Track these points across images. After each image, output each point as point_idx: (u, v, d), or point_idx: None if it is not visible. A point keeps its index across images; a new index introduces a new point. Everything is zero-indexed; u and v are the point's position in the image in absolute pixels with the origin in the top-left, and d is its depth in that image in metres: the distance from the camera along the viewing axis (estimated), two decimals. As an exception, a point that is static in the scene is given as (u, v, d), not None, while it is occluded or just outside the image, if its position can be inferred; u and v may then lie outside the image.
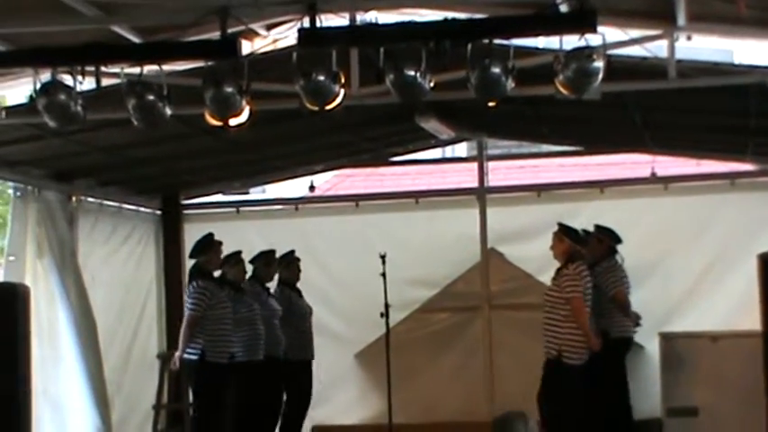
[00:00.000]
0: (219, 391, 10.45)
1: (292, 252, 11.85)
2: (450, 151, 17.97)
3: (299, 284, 11.89)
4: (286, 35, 8.67)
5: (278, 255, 11.70)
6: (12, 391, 9.40)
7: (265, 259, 11.54)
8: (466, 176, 14.37)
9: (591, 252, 11.11)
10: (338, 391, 13.13)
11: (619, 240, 11.31)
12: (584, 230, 11.25)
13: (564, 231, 10.66)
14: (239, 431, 10.96)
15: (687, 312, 12.48)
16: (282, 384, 11.53)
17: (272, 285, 11.71)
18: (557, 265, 12.03)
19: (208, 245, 10.73)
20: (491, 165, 13.66)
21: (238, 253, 11.30)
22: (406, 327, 12.95)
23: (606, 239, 11.29)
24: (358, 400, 12.85)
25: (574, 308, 10.29)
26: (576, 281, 10.37)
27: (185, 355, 10.46)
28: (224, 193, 14.68)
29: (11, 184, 11.42)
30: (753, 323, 9.54)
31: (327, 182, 18.34)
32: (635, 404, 12.16)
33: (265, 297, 11.35)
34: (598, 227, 11.32)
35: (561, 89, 7.60)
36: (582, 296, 10.33)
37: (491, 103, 7.86)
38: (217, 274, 10.84)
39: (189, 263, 13.22)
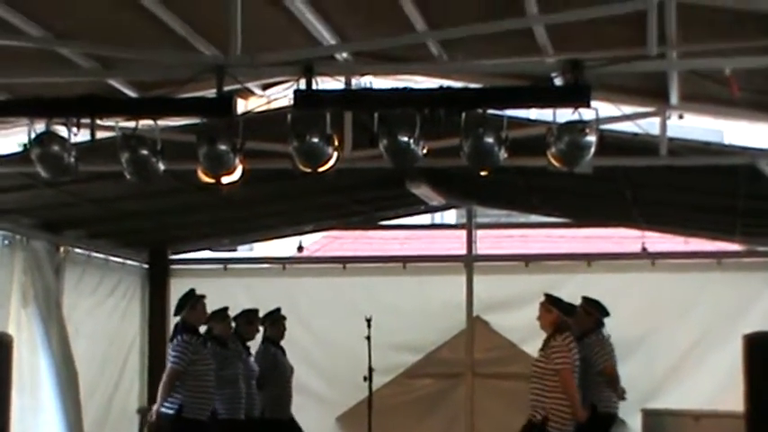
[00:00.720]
0: None
1: (278, 310, 11.82)
2: (439, 218, 18.02)
3: (282, 343, 11.86)
4: (282, 95, 8.70)
5: (263, 312, 11.65)
6: (-10, 440, 9.39)
7: (247, 318, 11.50)
8: (454, 243, 14.41)
9: (579, 324, 11.08)
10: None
11: (606, 313, 11.30)
12: (569, 303, 11.23)
13: (551, 302, 10.65)
14: None
15: (671, 389, 12.48)
16: None
17: (255, 343, 11.66)
18: (542, 335, 11.98)
19: (190, 300, 10.70)
20: (479, 233, 13.70)
21: (225, 309, 11.26)
22: (389, 391, 12.92)
23: (594, 312, 11.27)
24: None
25: (563, 379, 10.27)
26: (565, 352, 10.35)
27: (162, 409, 10.38)
28: (212, 249, 14.67)
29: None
30: (736, 403, 9.49)
31: (316, 242, 18.35)
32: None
33: (245, 356, 11.30)
34: (586, 299, 11.31)
35: (553, 161, 7.62)
36: (572, 368, 10.32)
37: (483, 172, 7.89)
38: (203, 330, 10.79)
39: (174, 317, 13.33)
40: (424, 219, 16.63)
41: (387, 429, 12.48)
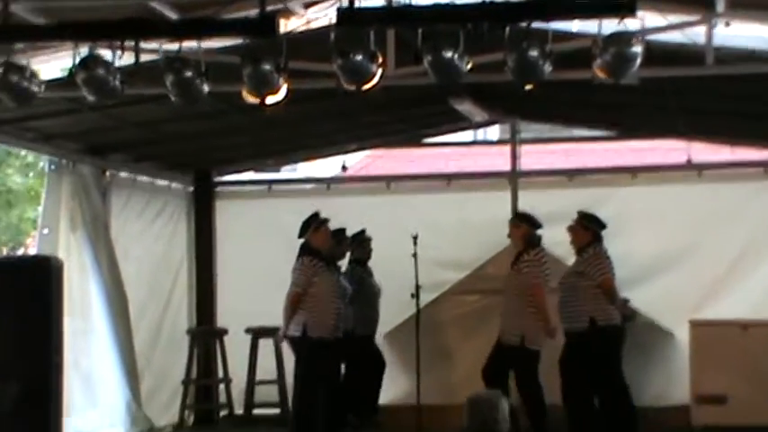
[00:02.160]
0: (319, 365, 10.54)
1: (363, 231, 11.94)
2: (482, 134, 17.94)
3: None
4: (323, 14, 8.68)
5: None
6: (45, 363, 9.51)
7: (336, 238, 11.53)
8: (498, 159, 14.33)
9: (577, 239, 11.10)
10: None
11: (603, 226, 11.25)
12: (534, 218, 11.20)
13: (520, 218, 10.72)
14: (333, 405, 10.96)
15: (718, 300, 12.43)
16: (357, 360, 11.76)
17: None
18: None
19: (314, 223, 10.79)
20: (523, 148, 13.62)
21: (343, 230, 11.44)
22: (435, 308, 12.94)
23: (591, 226, 11.21)
24: (386, 380, 12.83)
25: (535, 294, 10.35)
26: (537, 267, 10.43)
27: (288, 332, 10.56)
28: (256, 170, 14.70)
29: (46, 157, 11.51)
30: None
31: (359, 162, 18.32)
32: (663, 391, 12.22)
33: (338, 276, 11.36)
34: (581, 213, 11.26)
35: (599, 73, 7.60)
36: (543, 282, 10.38)
37: (528, 87, 7.86)
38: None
39: (220, 240, 13.47)
40: (468, 136, 16.53)
41: (433, 346, 12.57)
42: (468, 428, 5.57)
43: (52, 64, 9.35)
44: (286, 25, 8.62)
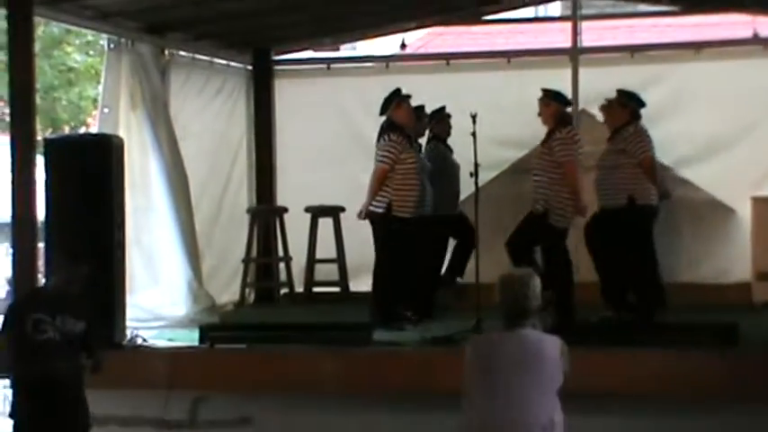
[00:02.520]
0: (402, 242, 10.52)
1: (443, 108, 11.85)
2: (543, 11, 17.71)
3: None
4: None
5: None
6: (108, 239, 9.69)
7: (415, 114, 11.37)
8: (559, 36, 14.16)
9: (613, 117, 10.95)
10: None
11: (642, 104, 11.08)
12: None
13: (550, 96, 10.58)
14: (415, 281, 10.97)
15: (782, 176, 12.34)
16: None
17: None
18: (650, 126, 11.93)
19: (395, 99, 10.72)
20: (585, 25, 13.44)
21: (422, 107, 11.41)
22: (494, 186, 12.91)
23: (630, 103, 11.03)
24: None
25: (567, 172, 10.30)
26: (569, 145, 10.34)
27: (371, 207, 10.57)
28: (314, 49, 14.63)
29: (104, 35, 11.51)
30: None
31: (419, 39, 18.17)
32: (724, 268, 12.19)
33: (419, 153, 11.34)
34: (620, 91, 11.06)
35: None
36: (575, 160, 10.31)
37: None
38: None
39: (279, 118, 13.48)
40: (529, 12, 16.34)
41: (494, 223, 12.51)
42: (501, 305, 5.63)
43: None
44: None
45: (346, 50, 17.37)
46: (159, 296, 11.20)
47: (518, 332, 5.59)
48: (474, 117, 11.13)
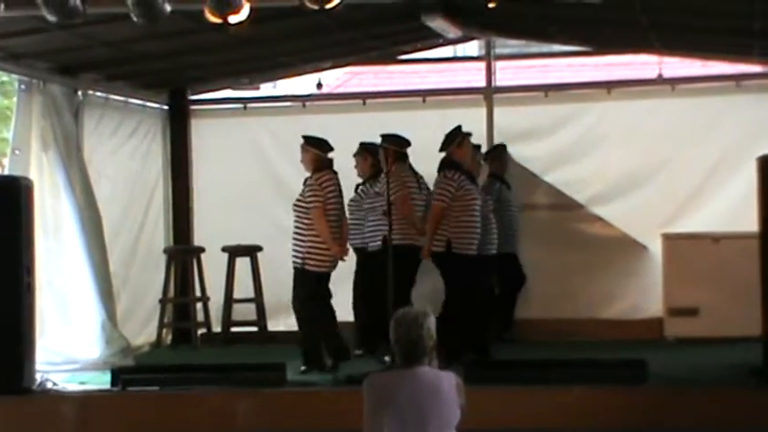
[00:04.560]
0: (463, 280, 10.48)
1: (501, 145, 11.97)
2: (461, 50, 17.89)
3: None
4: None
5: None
6: (16, 282, 9.58)
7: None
8: (475, 76, 14.33)
9: (379, 161, 11.16)
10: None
11: (406, 144, 11.24)
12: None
13: (308, 142, 10.69)
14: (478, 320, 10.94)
15: (690, 213, 12.54)
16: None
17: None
18: (564, 164, 12.16)
19: (457, 137, 10.72)
20: (499, 64, 13.62)
21: (500, 146, 11.65)
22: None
23: (391, 146, 11.17)
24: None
25: (314, 217, 10.40)
26: (317, 190, 10.44)
27: (433, 247, 10.50)
28: (233, 88, 14.66)
29: (16, 76, 11.45)
30: (753, 224, 9.58)
31: (337, 79, 18.30)
32: (637, 304, 12.36)
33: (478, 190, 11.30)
34: (383, 136, 11.26)
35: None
36: (322, 205, 10.41)
37: (491, 4, 7.86)
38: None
39: (196, 158, 13.45)
40: (446, 52, 16.49)
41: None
42: (396, 343, 5.68)
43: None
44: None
45: (267, 89, 17.38)
46: (72, 339, 11.12)
47: (414, 370, 5.63)
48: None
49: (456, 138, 10.73)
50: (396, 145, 11.17)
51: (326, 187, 10.50)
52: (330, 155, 10.72)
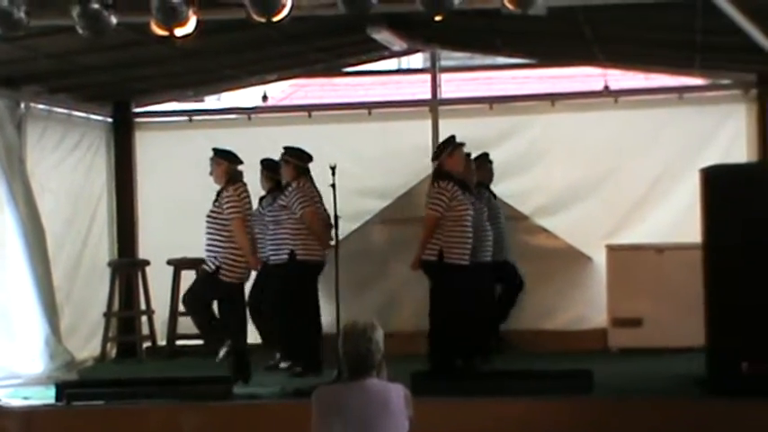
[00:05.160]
0: (455, 289, 10.47)
1: (485, 154, 11.92)
2: (406, 63, 17.94)
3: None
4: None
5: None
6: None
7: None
8: (420, 88, 14.38)
9: (286, 173, 11.30)
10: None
11: (307, 159, 11.37)
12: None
13: (220, 155, 10.78)
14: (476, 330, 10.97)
15: (634, 225, 12.64)
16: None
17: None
18: (508, 176, 12.19)
19: (449, 146, 10.70)
20: (445, 77, 13.68)
21: (484, 154, 11.63)
22: (356, 238, 13.02)
23: (292, 160, 11.33)
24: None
25: (234, 228, 10.49)
26: (235, 202, 10.54)
27: (423, 256, 10.53)
28: (178, 101, 14.61)
29: (-44, 89, 11.36)
30: (696, 235, 9.67)
31: (283, 92, 18.28)
32: (581, 315, 12.42)
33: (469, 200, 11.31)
34: (285, 149, 11.37)
35: (507, 4, 7.62)
36: (242, 216, 10.55)
37: (438, 17, 7.89)
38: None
39: (140, 171, 13.38)
40: (391, 64, 16.53)
41: (356, 274, 12.63)
42: (344, 356, 5.69)
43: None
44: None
45: (211, 102, 17.33)
46: (15, 353, 11.03)
47: (363, 382, 5.64)
48: (333, 169, 11.22)
49: (447, 147, 10.73)
50: (297, 159, 11.32)
51: (243, 198, 10.66)
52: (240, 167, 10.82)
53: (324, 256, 11.19)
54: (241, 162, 10.84)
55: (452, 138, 10.81)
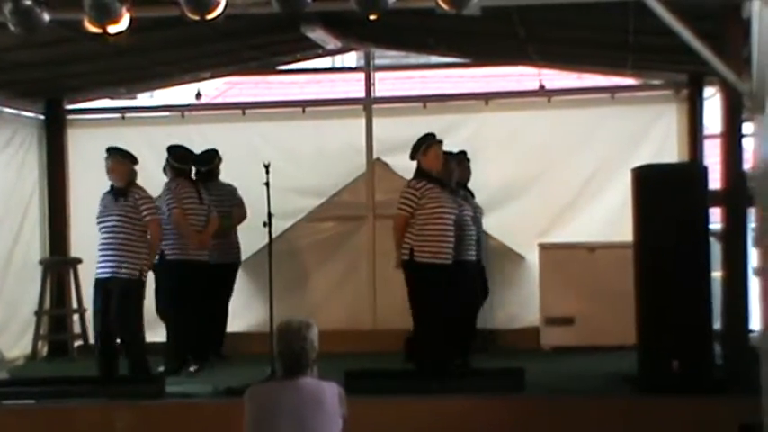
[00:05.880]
0: (429, 289, 10.39)
1: (462, 152, 11.77)
2: (339, 61, 17.94)
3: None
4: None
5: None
6: None
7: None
8: (354, 86, 14.38)
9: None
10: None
11: (183, 159, 11.50)
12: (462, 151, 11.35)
13: (124, 155, 10.84)
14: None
15: (566, 224, 12.72)
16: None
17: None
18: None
19: (424, 143, 10.64)
20: (379, 75, 13.68)
21: (462, 152, 11.53)
22: (290, 236, 13.05)
23: (169, 160, 11.51)
24: (242, 308, 12.87)
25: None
26: (150, 201, 10.74)
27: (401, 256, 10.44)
28: (111, 98, 14.51)
29: None
30: (628, 234, 9.77)
31: (217, 89, 18.23)
32: (515, 314, 12.52)
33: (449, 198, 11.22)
34: (168, 147, 11.55)
35: (441, 3, 7.66)
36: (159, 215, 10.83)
37: (372, 16, 7.90)
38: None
39: (72, 168, 13.25)
40: (326, 63, 16.53)
41: (289, 273, 12.65)
42: (279, 354, 5.70)
43: None
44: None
45: (144, 99, 17.22)
46: (-55, 351, 10.94)
47: (297, 381, 5.65)
48: (267, 167, 11.20)
49: (421, 145, 10.64)
50: (173, 159, 11.47)
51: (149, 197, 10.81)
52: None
53: (204, 255, 11.30)
54: (137, 162, 10.87)
55: (429, 135, 10.70)
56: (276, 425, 5.56)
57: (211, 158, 12.09)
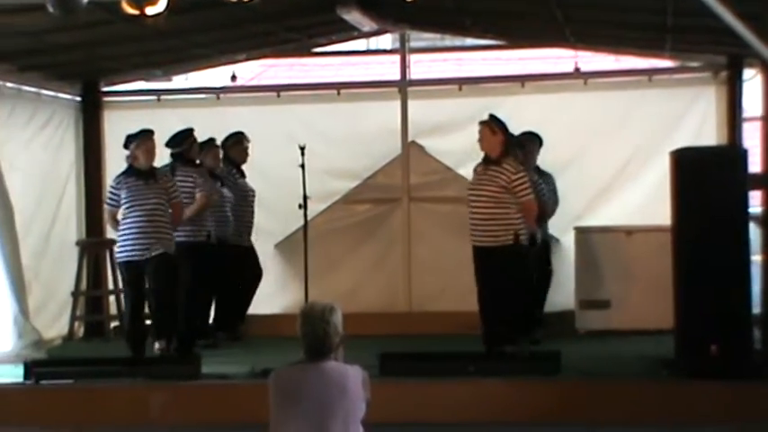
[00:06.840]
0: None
1: (239, 132, 12.08)
2: (374, 43, 17.91)
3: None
4: None
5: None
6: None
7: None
8: (389, 68, 14.36)
9: None
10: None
11: (177, 146, 11.50)
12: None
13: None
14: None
15: (603, 207, 12.68)
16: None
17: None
18: (477, 158, 12.14)
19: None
20: (414, 57, 13.64)
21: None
22: (325, 218, 13.03)
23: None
24: (277, 290, 12.91)
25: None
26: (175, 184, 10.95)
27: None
28: (146, 80, 14.54)
29: (-76, 65, 11.27)
30: (665, 218, 9.71)
31: (252, 71, 18.19)
32: (549, 297, 12.40)
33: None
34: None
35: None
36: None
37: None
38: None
39: (109, 150, 13.29)
40: (360, 45, 16.50)
41: (324, 255, 12.65)
42: (302, 338, 5.67)
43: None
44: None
45: (179, 82, 17.25)
46: (-17, 331, 11.01)
47: (320, 365, 5.62)
48: (302, 149, 11.23)
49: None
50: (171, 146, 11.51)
51: None
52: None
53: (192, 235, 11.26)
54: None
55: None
56: (299, 408, 5.53)
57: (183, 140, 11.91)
